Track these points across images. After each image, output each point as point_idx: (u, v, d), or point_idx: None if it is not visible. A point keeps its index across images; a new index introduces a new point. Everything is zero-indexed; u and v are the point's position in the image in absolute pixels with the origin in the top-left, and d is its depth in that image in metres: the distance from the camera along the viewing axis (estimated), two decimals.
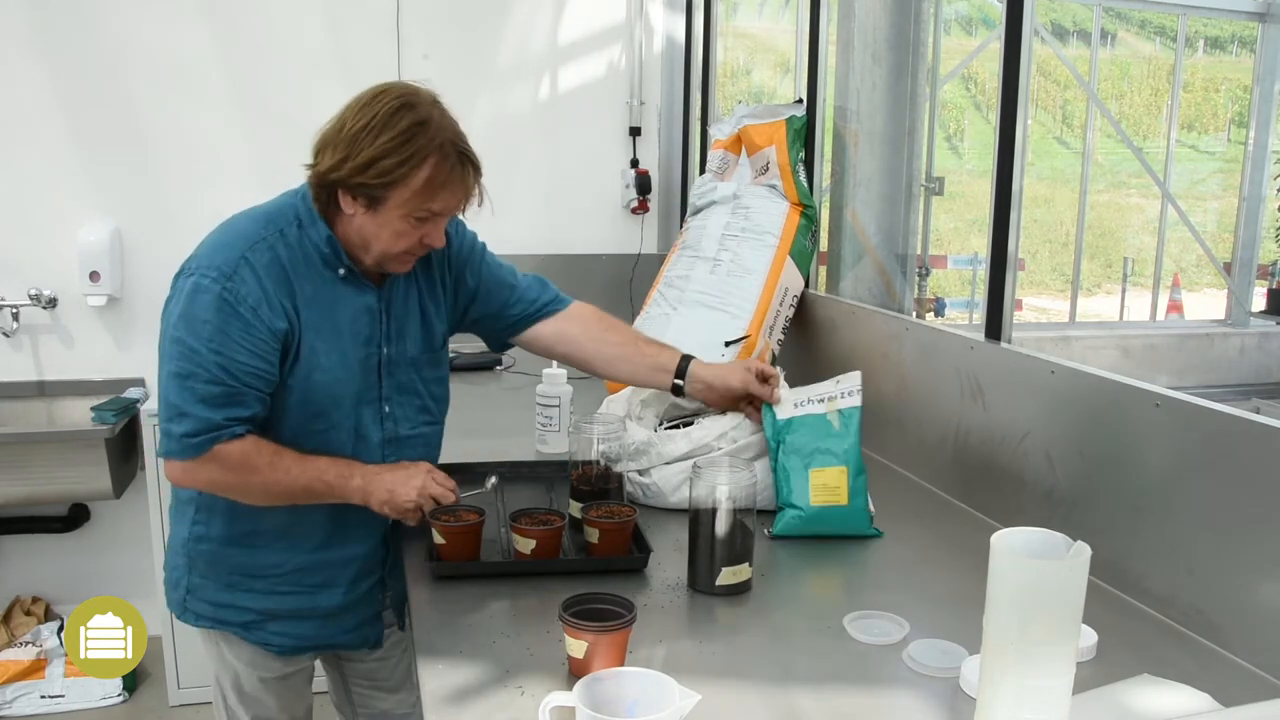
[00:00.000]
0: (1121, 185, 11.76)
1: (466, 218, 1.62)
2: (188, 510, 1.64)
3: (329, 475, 1.52)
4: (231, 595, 1.64)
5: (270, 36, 3.24)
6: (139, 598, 2.40)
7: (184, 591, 1.67)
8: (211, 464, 1.47)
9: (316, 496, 1.54)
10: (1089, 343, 4.66)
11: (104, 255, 3.17)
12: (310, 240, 1.53)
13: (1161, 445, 1.47)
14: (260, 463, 1.49)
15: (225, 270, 1.46)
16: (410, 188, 1.45)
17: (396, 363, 1.64)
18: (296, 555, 1.63)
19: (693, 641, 1.36)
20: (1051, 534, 1.02)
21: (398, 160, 1.43)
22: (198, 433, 1.45)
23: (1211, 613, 1.37)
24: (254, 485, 1.51)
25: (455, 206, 1.53)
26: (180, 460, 1.48)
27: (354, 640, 1.76)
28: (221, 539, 1.62)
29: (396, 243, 1.51)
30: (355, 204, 1.48)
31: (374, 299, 1.60)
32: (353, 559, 1.67)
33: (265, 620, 1.66)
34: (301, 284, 1.52)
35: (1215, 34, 12.87)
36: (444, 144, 1.47)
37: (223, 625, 1.67)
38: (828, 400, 1.78)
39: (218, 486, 1.52)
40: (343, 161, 1.44)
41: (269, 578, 1.63)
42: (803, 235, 2.58)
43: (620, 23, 3.59)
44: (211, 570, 1.64)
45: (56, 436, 3.04)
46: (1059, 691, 0.99)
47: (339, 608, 1.69)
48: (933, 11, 2.98)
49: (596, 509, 1.62)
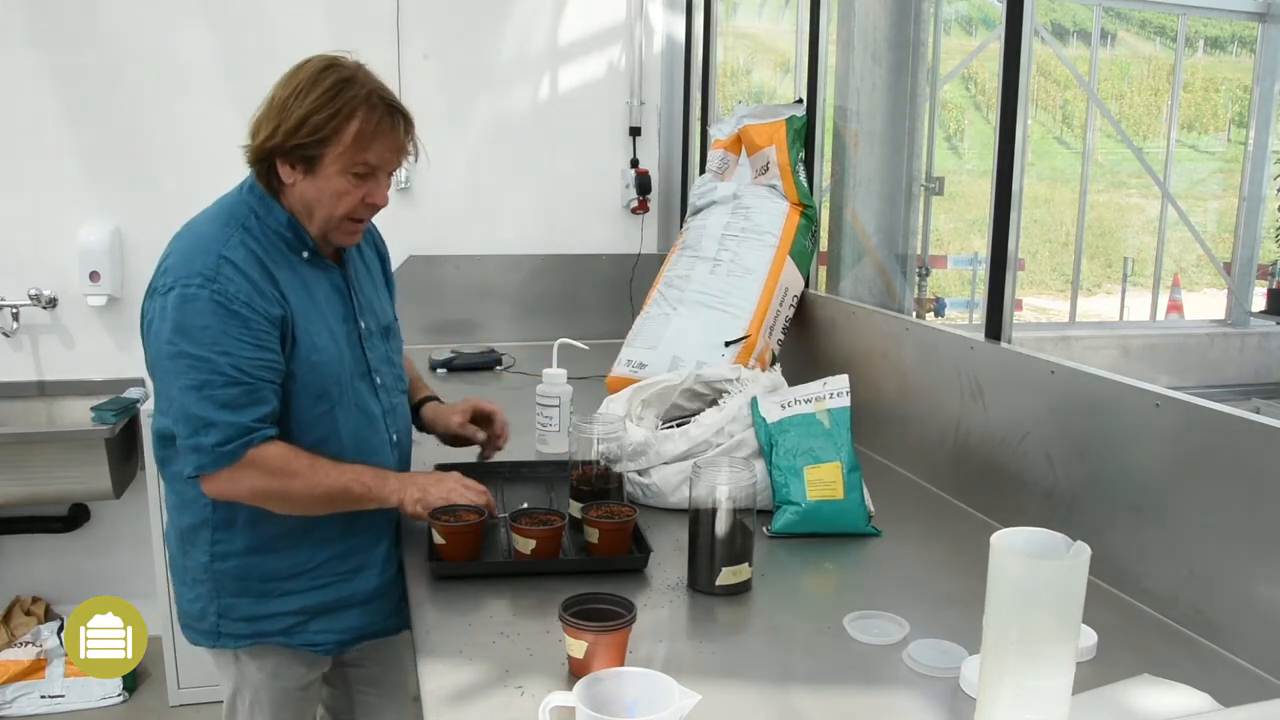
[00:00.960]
0: (1121, 185, 11.77)
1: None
2: (203, 534, 1.60)
3: (366, 476, 1.55)
4: (268, 604, 1.62)
5: (270, 36, 3.24)
6: (139, 598, 2.40)
7: (215, 617, 1.62)
8: (251, 470, 1.47)
9: (354, 500, 1.55)
10: (1089, 343, 4.67)
11: (104, 255, 3.17)
12: (271, 228, 1.55)
13: (1161, 445, 1.47)
14: (300, 466, 1.50)
15: (207, 274, 1.46)
16: (343, 142, 1.48)
17: (373, 334, 1.69)
18: (325, 548, 1.63)
19: (693, 641, 1.36)
20: (1051, 534, 1.02)
21: (327, 115, 1.47)
22: (229, 439, 1.45)
23: (1211, 613, 1.37)
24: (296, 489, 1.50)
25: (390, 159, 1.55)
26: (218, 471, 1.47)
27: (393, 626, 1.75)
28: (246, 550, 1.59)
29: (339, 204, 1.53)
30: (294, 172, 1.51)
31: (338, 276, 1.64)
32: (380, 538, 1.69)
33: (307, 620, 1.64)
34: (279, 270, 1.53)
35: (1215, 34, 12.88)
36: (370, 95, 1.50)
37: (263, 638, 1.63)
38: (815, 400, 1.79)
39: (260, 494, 1.51)
40: (275, 129, 1.48)
41: (305, 575, 1.62)
42: (803, 235, 2.58)
43: (620, 23, 3.59)
44: (242, 586, 1.61)
45: (56, 436, 3.04)
46: (1059, 691, 0.99)
47: (376, 590, 1.69)
48: (933, 11, 2.98)
49: (596, 509, 1.62)
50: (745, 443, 1.80)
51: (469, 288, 3.45)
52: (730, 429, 1.81)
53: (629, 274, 3.53)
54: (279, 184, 1.54)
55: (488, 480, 1.95)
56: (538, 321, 3.50)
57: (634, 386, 2.02)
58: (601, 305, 3.53)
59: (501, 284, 3.51)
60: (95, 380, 3.27)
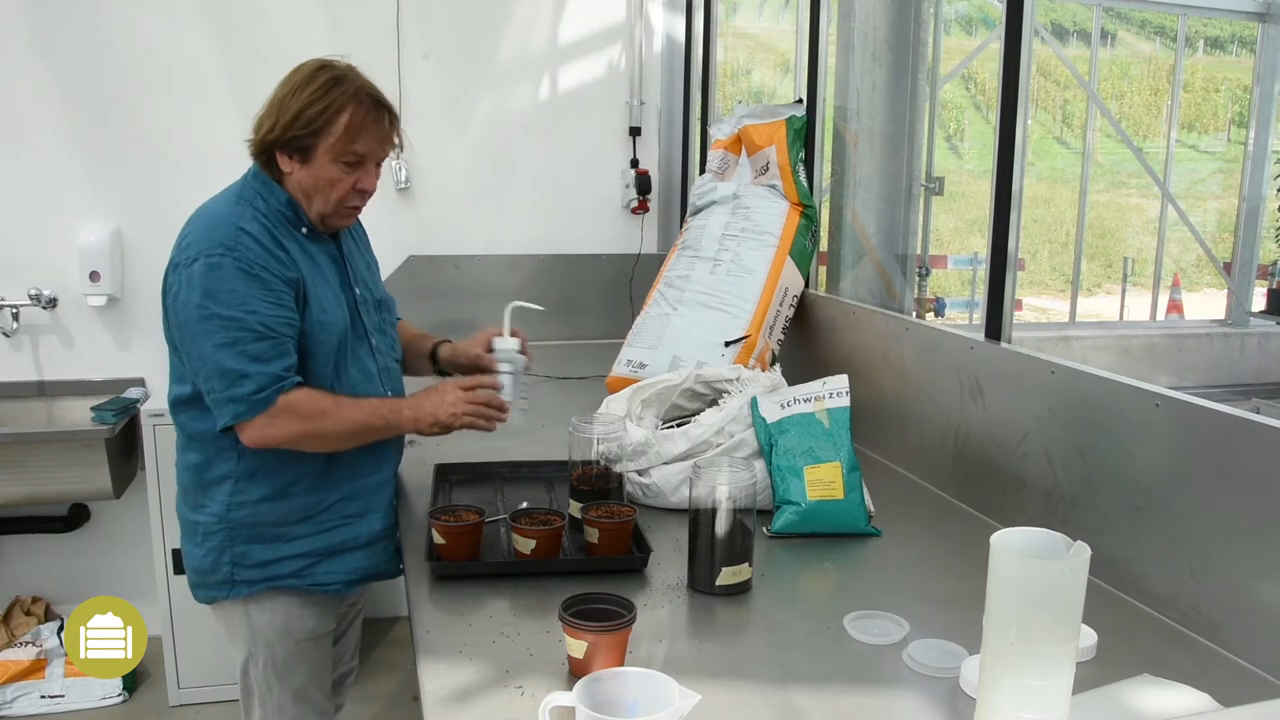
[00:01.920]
0: (1121, 185, 11.77)
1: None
2: (223, 486, 1.71)
3: (383, 409, 1.70)
4: (280, 548, 1.73)
5: (270, 36, 3.24)
6: (139, 598, 2.41)
7: (230, 566, 1.73)
8: (287, 414, 1.61)
9: (375, 432, 1.71)
10: (1089, 343, 4.67)
11: (104, 255, 3.17)
12: (274, 207, 1.70)
13: (1161, 445, 1.47)
14: (327, 405, 1.65)
15: (228, 244, 1.61)
16: (334, 133, 1.65)
17: (367, 302, 1.83)
18: (334, 491, 1.75)
19: (693, 641, 1.36)
20: (1051, 534, 1.02)
21: (320, 109, 1.64)
22: (263, 388, 1.59)
23: (1211, 613, 1.37)
24: (327, 428, 1.65)
25: (377, 149, 1.71)
26: (256, 418, 1.60)
27: (394, 568, 1.85)
28: (264, 498, 1.71)
29: (333, 190, 1.70)
30: (291, 161, 1.68)
31: (334, 249, 1.80)
32: (385, 483, 1.83)
33: (317, 562, 1.76)
34: (286, 242, 1.69)
35: (1215, 34, 12.89)
36: (358, 91, 1.67)
37: (275, 581, 1.74)
38: (814, 400, 1.79)
39: (295, 436, 1.64)
40: (274, 124, 1.66)
41: (314, 518, 1.74)
42: (803, 235, 2.58)
43: (620, 23, 3.59)
44: (256, 532, 1.72)
45: (56, 436, 3.03)
46: (1059, 691, 0.99)
47: (380, 533, 1.81)
48: (933, 11, 2.98)
49: (596, 509, 1.62)
50: (745, 443, 1.80)
51: (469, 288, 3.45)
52: (730, 429, 1.82)
53: (629, 274, 3.53)
54: (279, 173, 1.70)
55: (488, 480, 1.96)
56: (538, 321, 3.49)
57: (634, 386, 2.02)
58: (601, 305, 3.53)
59: (501, 284, 3.50)
60: (95, 380, 3.27)
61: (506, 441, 1.97)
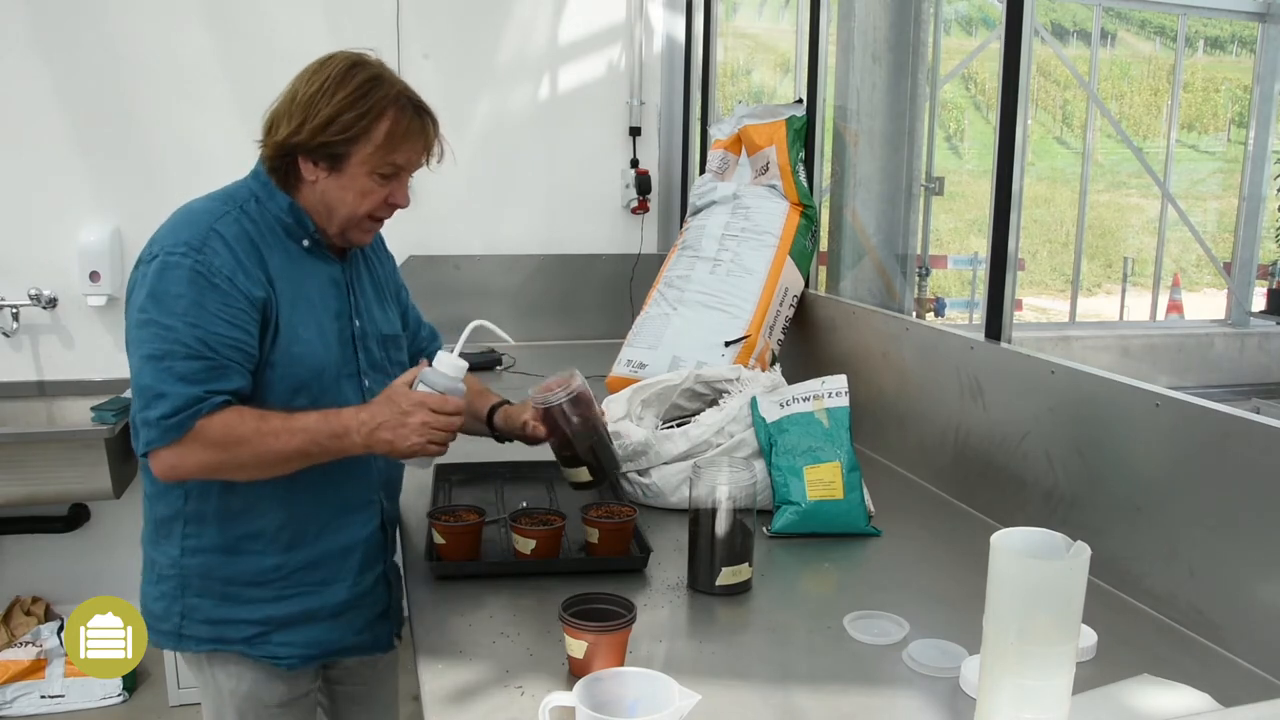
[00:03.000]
0: (1121, 185, 11.77)
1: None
2: (175, 527, 1.53)
3: (323, 435, 1.42)
4: (230, 609, 1.53)
5: (270, 36, 3.24)
6: (139, 598, 2.40)
7: (178, 618, 1.54)
8: (196, 444, 1.37)
9: (312, 459, 1.44)
10: (1089, 343, 4.67)
11: (104, 255, 3.17)
12: (271, 213, 1.50)
13: (1161, 445, 1.47)
14: (246, 431, 1.39)
15: (194, 244, 1.41)
16: (372, 141, 1.46)
17: (369, 336, 1.62)
18: (296, 553, 1.54)
19: (693, 641, 1.36)
20: (1051, 534, 1.02)
21: (357, 114, 1.44)
22: (176, 410, 1.36)
23: (1211, 613, 1.37)
24: (245, 458, 1.39)
25: (417, 159, 1.53)
26: (164, 448, 1.37)
27: (364, 642, 1.66)
28: (215, 548, 1.52)
29: (362, 203, 1.50)
30: (317, 169, 1.48)
31: (338, 271, 1.58)
32: (353, 547, 1.60)
33: (270, 632, 1.55)
34: (271, 255, 1.48)
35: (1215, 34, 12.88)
36: (399, 95, 1.48)
37: (224, 645, 1.55)
38: (814, 399, 1.79)
39: (209, 469, 1.41)
40: (301, 126, 1.44)
41: (270, 584, 1.54)
42: (803, 235, 2.58)
43: (620, 23, 3.59)
44: (206, 585, 1.53)
45: (56, 436, 3.03)
46: (1059, 691, 0.99)
47: (345, 604, 1.60)
48: (933, 11, 2.98)
49: (596, 509, 1.62)
50: (745, 443, 1.80)
51: (469, 288, 3.45)
52: (730, 429, 1.82)
53: (629, 274, 3.53)
54: (298, 180, 1.50)
55: (488, 480, 1.96)
56: (538, 321, 3.50)
57: (634, 386, 2.02)
58: (601, 305, 3.53)
59: (501, 284, 3.51)
60: (95, 380, 3.27)
61: None
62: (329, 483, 1.54)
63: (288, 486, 1.49)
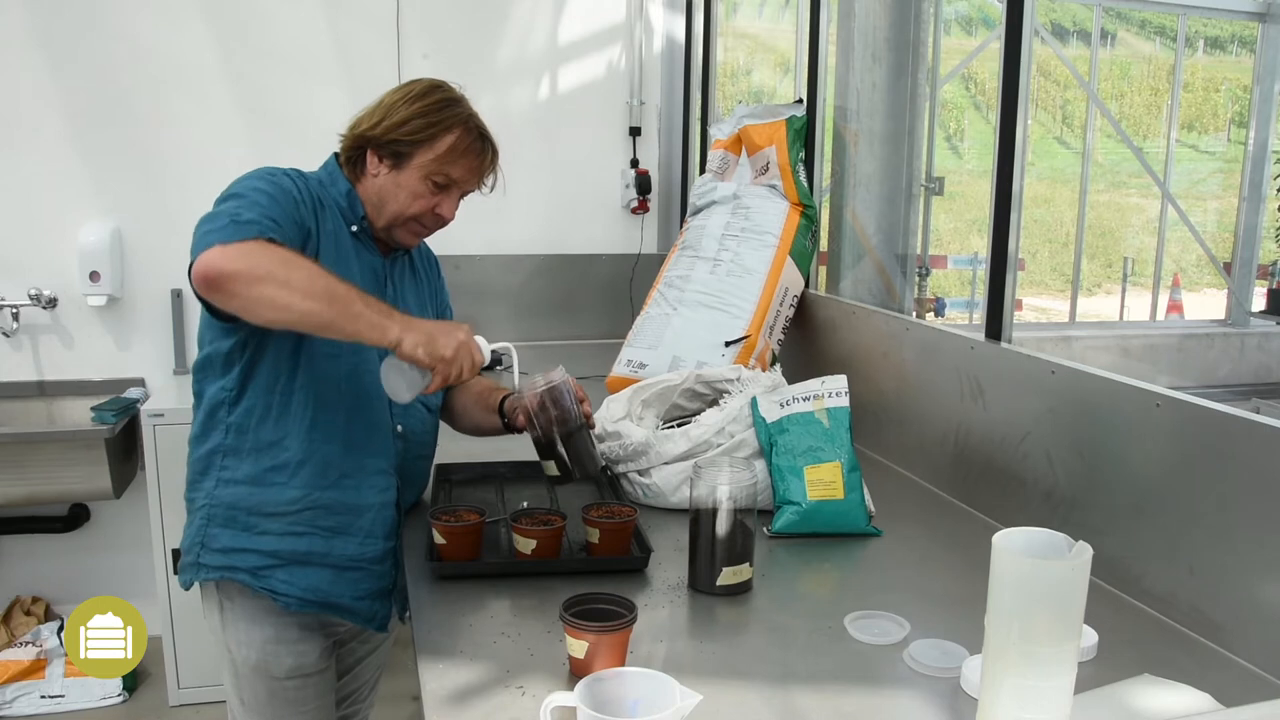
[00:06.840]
0: (1121, 185, 11.76)
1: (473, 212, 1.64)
2: (214, 461, 1.63)
3: (369, 300, 1.44)
4: (246, 538, 1.63)
5: (270, 36, 3.24)
6: (139, 598, 2.41)
7: (199, 548, 1.64)
8: (263, 247, 1.40)
9: (353, 317, 1.42)
10: (1089, 343, 4.68)
11: (104, 255, 3.17)
12: (330, 194, 1.66)
13: (1161, 445, 1.47)
14: (305, 260, 1.43)
15: (273, 171, 1.58)
16: (435, 150, 1.63)
17: None
18: (314, 492, 1.62)
19: (693, 641, 1.36)
20: (1053, 534, 1.02)
21: (428, 122, 1.62)
22: (252, 222, 1.43)
23: (1211, 613, 1.37)
24: (297, 276, 1.39)
25: (472, 179, 1.68)
26: (233, 242, 1.39)
27: (362, 610, 1.71)
28: (246, 479, 1.61)
29: (412, 204, 1.65)
30: (381, 164, 1.64)
31: (380, 264, 1.72)
32: (365, 508, 1.67)
33: (275, 567, 1.63)
34: (324, 219, 1.62)
35: (1215, 34, 12.87)
36: (469, 118, 1.67)
37: (231, 572, 1.63)
38: (814, 399, 1.79)
39: (259, 272, 1.37)
40: (379, 123, 1.63)
41: (286, 516, 1.62)
42: (803, 235, 2.58)
43: (620, 23, 3.59)
44: (231, 516, 1.63)
45: (56, 436, 3.04)
46: (1060, 691, 0.99)
47: (350, 559, 1.67)
48: (933, 11, 2.98)
49: (597, 509, 1.62)
50: (746, 443, 1.80)
51: (469, 288, 3.45)
52: (731, 429, 1.81)
53: (629, 274, 3.53)
54: (362, 173, 1.66)
55: (488, 480, 1.96)
56: (538, 321, 3.50)
57: (634, 386, 2.02)
58: (601, 305, 3.54)
59: (501, 284, 3.51)
60: (95, 380, 3.27)
61: (508, 440, 1.97)
62: (351, 437, 1.65)
63: (313, 423, 1.61)
